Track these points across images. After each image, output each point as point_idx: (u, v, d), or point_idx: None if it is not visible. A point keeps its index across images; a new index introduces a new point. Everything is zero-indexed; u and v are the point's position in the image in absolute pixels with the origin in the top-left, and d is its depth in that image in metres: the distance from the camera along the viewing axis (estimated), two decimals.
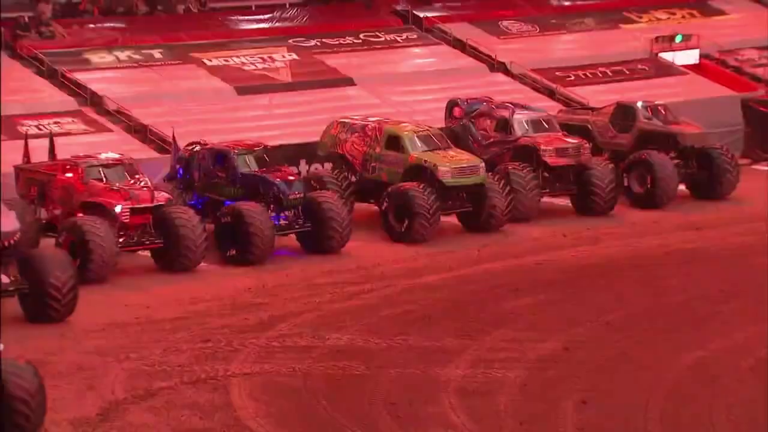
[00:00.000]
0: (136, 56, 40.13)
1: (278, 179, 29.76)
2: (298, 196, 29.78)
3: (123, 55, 39.99)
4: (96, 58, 39.40)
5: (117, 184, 26.58)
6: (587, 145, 34.39)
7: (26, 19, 39.47)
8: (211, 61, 40.45)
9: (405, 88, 40.91)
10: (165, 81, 39.18)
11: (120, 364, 23.26)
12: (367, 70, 41.41)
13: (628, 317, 26.67)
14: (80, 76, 38.13)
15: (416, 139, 32.31)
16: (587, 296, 28.22)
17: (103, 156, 28.14)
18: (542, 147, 33.53)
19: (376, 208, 31.95)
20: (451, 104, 36.17)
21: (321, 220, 29.83)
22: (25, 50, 38.28)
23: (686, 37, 45.06)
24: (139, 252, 28.56)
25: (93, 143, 34.85)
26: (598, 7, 47.52)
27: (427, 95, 40.23)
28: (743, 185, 36.00)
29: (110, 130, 36.30)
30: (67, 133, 35.35)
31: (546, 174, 33.52)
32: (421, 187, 31.04)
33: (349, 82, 40.74)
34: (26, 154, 29.39)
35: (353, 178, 32.65)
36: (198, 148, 31.25)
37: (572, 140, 34.22)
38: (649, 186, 34.50)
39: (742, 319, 26.39)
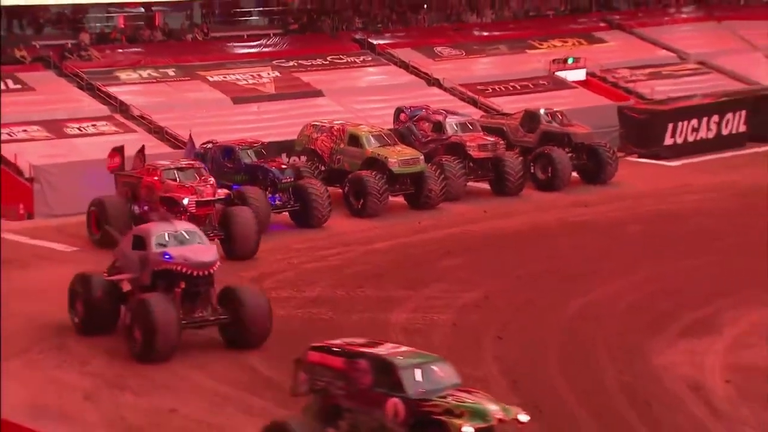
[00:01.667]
0: (155, 74, 40.00)
1: (273, 167, 29.80)
2: (289, 180, 29.77)
3: (144, 73, 39.85)
4: (123, 75, 39.20)
5: (187, 183, 26.61)
6: (502, 142, 34.57)
7: (69, 45, 39.35)
8: (212, 77, 40.37)
9: (362, 98, 40.95)
10: (177, 93, 39.11)
11: None
12: (333, 85, 41.41)
13: (533, 273, 26.88)
14: (111, 89, 37.97)
15: (371, 137, 32.43)
16: (502, 257, 28.34)
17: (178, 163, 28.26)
18: (468, 143, 33.67)
19: (340, 191, 31.95)
20: (398, 111, 36.21)
21: (307, 201, 29.87)
22: (69, 69, 38.07)
23: (576, 60, 45.25)
24: None
25: (121, 140, 34.93)
26: (509, 36, 47.61)
27: (379, 104, 40.20)
28: (620, 173, 36.33)
29: (135, 131, 36.16)
30: (101, 134, 35.21)
31: (471, 164, 33.62)
32: (373, 174, 31.21)
33: (320, 93, 40.76)
34: (122, 162, 29.04)
35: (322, 168, 32.62)
36: (210, 145, 31.19)
37: (491, 138, 34.34)
38: (549, 174, 34.74)
39: (618, 273, 26.74)
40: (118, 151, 28.95)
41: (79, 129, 35.40)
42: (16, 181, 31.91)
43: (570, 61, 45.33)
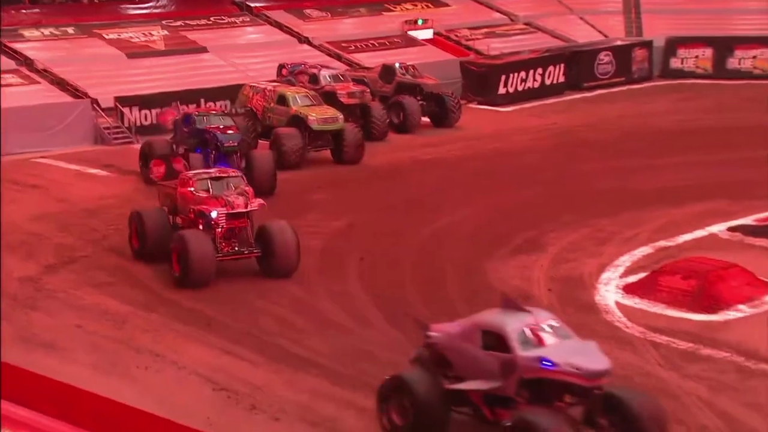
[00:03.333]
0: (56, 32, 39.05)
1: (218, 132, 27.30)
2: (232, 144, 27.06)
3: (47, 31, 38.91)
4: (27, 33, 38.18)
5: (218, 194, 20.96)
6: (368, 90, 34.38)
7: None
8: (108, 35, 39.57)
9: (242, 54, 40.53)
10: (76, 49, 38.22)
11: None
12: (216, 42, 40.89)
13: (391, 204, 27.01)
14: (17, 45, 36.95)
15: (297, 97, 31.25)
16: (366, 191, 28.39)
17: (211, 172, 22.64)
18: (338, 91, 33.21)
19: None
20: (280, 66, 35.84)
21: (254, 170, 26.62)
22: None
23: (425, 21, 45.43)
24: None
25: (27, 92, 34.22)
26: (369, 0, 47.40)
27: (257, 59, 39.97)
28: (463, 118, 36.66)
29: (39, 83, 35.39)
30: (9, 85, 34.13)
31: (342, 111, 32.41)
32: (292, 131, 29.99)
33: (204, 50, 40.24)
34: (168, 171, 25.84)
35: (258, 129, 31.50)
36: (182, 114, 29.46)
37: (358, 87, 34.07)
38: (402, 118, 34.86)
39: (461, 203, 26.94)
40: (164, 159, 25.24)
41: None
42: None
43: (420, 22, 45.45)
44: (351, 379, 16.61)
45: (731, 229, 23.83)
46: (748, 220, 24.30)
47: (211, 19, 42.51)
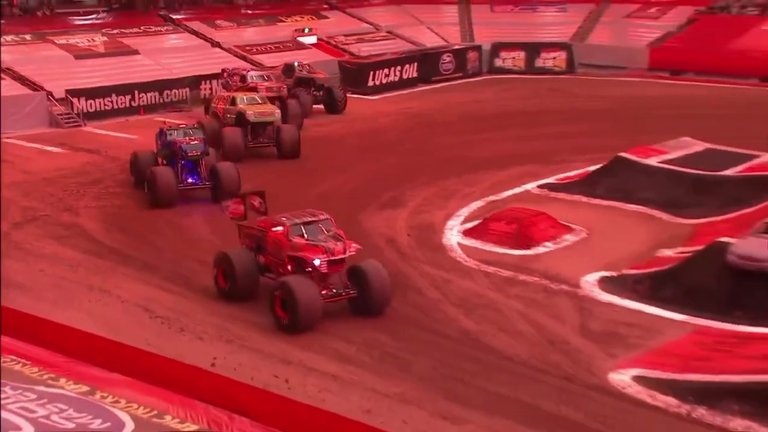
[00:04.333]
0: (16, 39, 37.42)
1: (183, 143, 23.31)
2: (195, 153, 23.04)
3: (9, 38, 37.23)
4: None
5: (314, 239, 16.42)
6: (284, 87, 32.86)
7: None
8: (58, 41, 38.16)
9: (167, 56, 39.46)
10: (33, 52, 36.73)
11: None
12: (146, 46, 39.72)
13: (291, 171, 26.35)
14: None
15: (245, 98, 28.98)
16: (274, 163, 27.39)
17: (303, 217, 17.28)
18: (259, 86, 31.77)
19: None
20: (223, 70, 34.05)
21: (218, 178, 23.14)
22: None
23: (310, 30, 44.98)
24: None
25: None
26: (265, 13, 46.57)
27: (178, 60, 39.08)
28: (348, 105, 36.11)
29: (4, 79, 33.86)
30: None
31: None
32: (236, 130, 27.30)
33: (137, 52, 39.05)
34: (245, 210, 18.87)
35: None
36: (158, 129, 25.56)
37: (275, 84, 32.66)
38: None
39: (342, 169, 26.66)
40: (242, 198, 19.38)
41: None
42: None
43: (306, 30, 44.95)
44: (257, 305, 16.54)
45: (540, 187, 24.23)
46: (551, 180, 24.78)
47: (142, 28, 41.29)
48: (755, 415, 12.59)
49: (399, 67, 41.89)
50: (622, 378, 13.90)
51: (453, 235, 20.57)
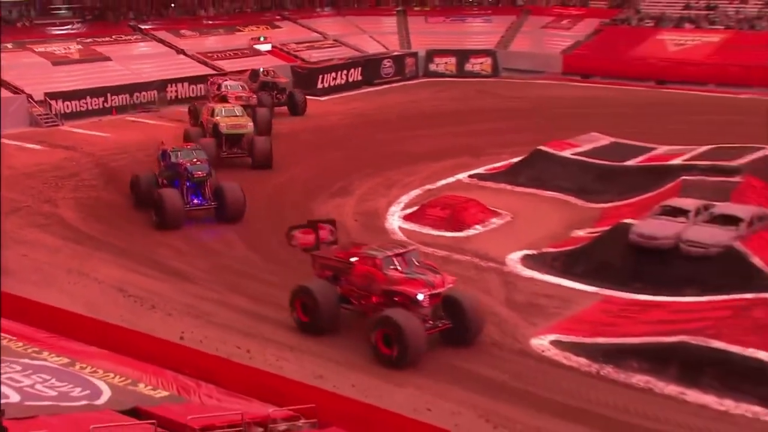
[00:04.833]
0: None
1: (188, 164, 20.45)
2: (201, 174, 20.25)
3: None
4: None
5: (410, 272, 14.02)
6: (254, 96, 31.53)
7: None
8: (38, 49, 37.08)
9: (136, 62, 38.50)
10: (15, 59, 35.43)
11: None
12: (117, 53, 38.77)
13: (250, 168, 25.98)
14: None
15: (223, 110, 26.87)
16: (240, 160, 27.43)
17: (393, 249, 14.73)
18: (230, 95, 30.55)
19: None
20: (207, 79, 32.83)
21: (224, 198, 20.54)
22: None
23: (265, 38, 44.40)
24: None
25: None
26: (225, 24, 45.48)
27: (147, 65, 38.20)
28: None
29: None
30: None
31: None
32: (209, 141, 25.22)
33: (109, 59, 38.13)
34: (317, 240, 15.94)
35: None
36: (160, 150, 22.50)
37: (245, 93, 31.33)
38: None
39: (298, 162, 25.97)
40: (312, 227, 16.01)
41: None
42: None
43: (262, 38, 44.27)
44: (221, 285, 16.40)
45: (471, 176, 24.33)
46: (481, 170, 24.91)
47: (113, 37, 40.29)
48: (653, 371, 13.06)
49: (345, 72, 41.63)
50: (542, 343, 14.20)
51: (395, 219, 20.58)
